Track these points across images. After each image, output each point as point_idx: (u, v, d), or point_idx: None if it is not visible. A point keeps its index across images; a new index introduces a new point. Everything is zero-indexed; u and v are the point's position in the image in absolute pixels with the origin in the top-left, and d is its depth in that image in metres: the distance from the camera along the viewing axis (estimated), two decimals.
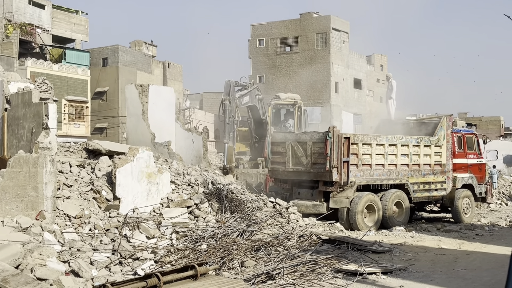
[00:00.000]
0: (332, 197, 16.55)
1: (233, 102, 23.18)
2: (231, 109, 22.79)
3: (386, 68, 60.65)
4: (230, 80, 23.64)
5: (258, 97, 27.27)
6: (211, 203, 14.19)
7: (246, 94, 25.41)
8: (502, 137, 66.57)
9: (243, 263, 10.45)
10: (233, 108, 23.02)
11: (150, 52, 52.83)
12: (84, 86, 43.80)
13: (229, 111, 22.71)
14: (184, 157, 19.85)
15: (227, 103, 22.73)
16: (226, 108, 22.64)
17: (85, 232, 11.30)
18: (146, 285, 7.62)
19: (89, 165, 13.99)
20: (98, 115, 44.43)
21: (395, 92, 22.37)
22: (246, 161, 26.64)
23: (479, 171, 20.56)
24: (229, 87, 23.32)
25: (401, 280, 10.06)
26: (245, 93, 25.45)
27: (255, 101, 26.67)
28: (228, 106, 22.70)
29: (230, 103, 22.94)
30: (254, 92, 26.83)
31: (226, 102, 22.71)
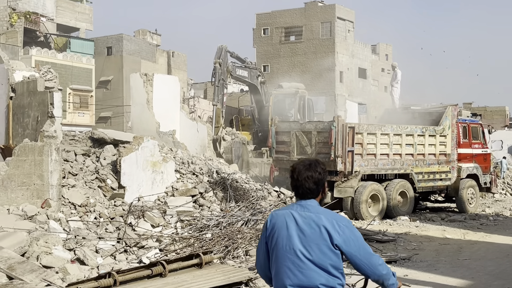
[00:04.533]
0: (337, 187, 16.56)
1: (224, 65, 23.46)
2: (221, 72, 23.10)
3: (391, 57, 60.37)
4: (222, 45, 23.99)
5: (261, 79, 27.32)
6: (215, 192, 14.21)
7: (243, 68, 25.61)
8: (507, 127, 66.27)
9: (247, 252, 10.48)
10: (224, 72, 23.34)
11: (154, 41, 52.71)
12: (89, 75, 43.76)
13: (219, 74, 23.04)
14: (188, 146, 19.86)
15: (217, 66, 23.06)
16: (216, 71, 22.99)
17: (90, 220, 11.34)
18: (151, 273, 7.66)
19: (94, 154, 14.02)
20: (102, 104, 44.41)
21: (400, 81, 22.29)
22: (250, 151, 26.62)
23: (484, 161, 20.51)
24: (221, 51, 23.76)
25: (406, 270, 10.08)
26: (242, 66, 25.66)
27: (255, 81, 26.73)
28: (219, 69, 23.03)
29: (221, 66, 23.22)
30: (255, 72, 26.90)
31: (217, 65, 23.06)
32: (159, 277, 7.71)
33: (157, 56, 51.26)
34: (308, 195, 3.65)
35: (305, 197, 3.65)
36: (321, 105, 42.84)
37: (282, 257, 3.57)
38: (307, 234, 3.53)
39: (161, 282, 7.55)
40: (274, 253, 3.62)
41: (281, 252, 3.58)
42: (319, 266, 3.51)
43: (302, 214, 3.59)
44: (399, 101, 22.23)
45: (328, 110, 42.36)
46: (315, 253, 3.51)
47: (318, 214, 3.57)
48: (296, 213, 3.61)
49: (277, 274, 3.61)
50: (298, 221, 3.58)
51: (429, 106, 22.23)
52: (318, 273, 3.51)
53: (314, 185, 3.64)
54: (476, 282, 9.38)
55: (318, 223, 3.53)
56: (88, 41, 46.35)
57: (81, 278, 8.29)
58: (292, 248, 3.54)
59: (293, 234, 3.56)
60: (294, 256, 3.53)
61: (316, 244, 3.51)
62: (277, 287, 3.64)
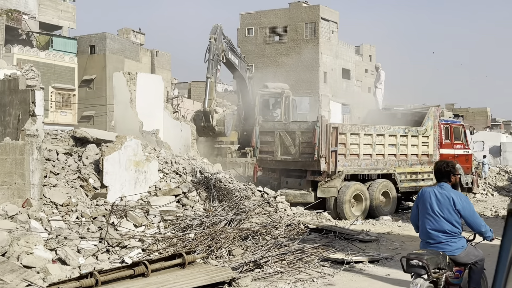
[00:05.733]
0: (320, 187, 16.61)
1: (219, 42, 23.73)
2: (216, 47, 23.45)
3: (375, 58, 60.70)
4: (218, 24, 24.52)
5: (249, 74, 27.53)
6: (199, 191, 14.17)
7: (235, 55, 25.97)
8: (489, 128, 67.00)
9: (230, 252, 10.46)
10: (218, 48, 23.69)
11: (138, 40, 52.45)
12: (71, 73, 43.44)
13: (214, 49, 23.40)
14: (172, 146, 19.80)
15: (212, 41, 23.46)
16: (211, 46, 23.36)
17: (72, 220, 11.24)
18: (134, 273, 7.61)
19: (76, 153, 13.90)
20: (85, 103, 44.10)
21: (383, 82, 22.42)
22: (234, 150, 26.60)
23: (466, 162, 20.70)
24: (216, 29, 24.16)
25: (388, 269, 10.13)
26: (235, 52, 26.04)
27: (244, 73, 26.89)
28: (214, 44, 23.41)
29: (216, 41, 23.62)
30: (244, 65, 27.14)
31: (212, 40, 23.47)
32: (142, 277, 7.66)
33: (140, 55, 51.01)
34: (444, 180, 6.25)
35: (442, 181, 6.27)
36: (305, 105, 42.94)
37: (426, 214, 6.21)
38: (442, 202, 6.12)
39: (143, 282, 7.51)
40: (421, 212, 6.28)
41: (426, 211, 6.21)
42: (447, 220, 6.09)
43: (440, 191, 6.20)
44: (382, 102, 22.36)
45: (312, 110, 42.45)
46: (445, 213, 6.09)
47: (449, 192, 6.17)
48: (436, 190, 6.23)
49: (423, 223, 6.28)
50: (437, 195, 6.19)
51: (412, 107, 22.41)
52: (446, 224, 6.10)
53: (446, 174, 6.25)
54: None
55: (448, 196, 6.13)
56: (71, 39, 45.98)
57: (63, 278, 8.22)
58: (432, 209, 6.16)
59: (433, 202, 6.17)
60: (433, 213, 6.15)
61: (446, 208, 6.09)
62: (421, 230, 6.33)
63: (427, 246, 6.23)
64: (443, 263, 5.96)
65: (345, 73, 56.38)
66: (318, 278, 9.31)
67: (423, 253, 5.95)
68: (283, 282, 8.96)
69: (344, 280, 9.37)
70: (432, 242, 6.18)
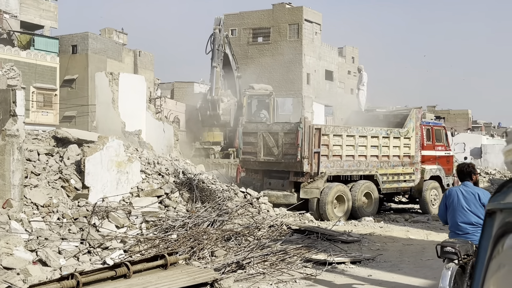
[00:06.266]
0: (303, 188, 16.64)
1: (223, 33, 24.81)
2: (220, 38, 24.08)
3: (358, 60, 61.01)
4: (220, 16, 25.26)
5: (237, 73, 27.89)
6: (181, 192, 14.13)
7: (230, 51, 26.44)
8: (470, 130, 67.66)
9: (213, 253, 10.45)
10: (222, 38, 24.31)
11: (120, 40, 52.14)
12: (53, 73, 43.04)
13: (219, 39, 24.08)
14: (154, 146, 19.72)
15: (217, 32, 24.20)
16: (216, 36, 24.05)
17: (53, 221, 11.15)
18: (115, 274, 7.57)
19: (57, 154, 13.79)
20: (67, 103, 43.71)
21: (366, 84, 22.52)
22: (217, 151, 26.58)
23: (447, 163, 20.88)
24: (220, 20, 25.14)
25: (370, 270, 10.19)
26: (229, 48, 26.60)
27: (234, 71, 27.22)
28: (218, 34, 24.11)
29: (220, 32, 24.61)
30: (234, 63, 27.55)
31: (216, 31, 24.36)
32: (123, 278, 7.62)
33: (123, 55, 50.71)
34: (467, 179, 7.06)
35: (465, 180, 7.07)
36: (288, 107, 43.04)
37: (455, 209, 6.97)
38: (468, 198, 6.89)
39: (125, 284, 7.47)
40: (450, 208, 7.04)
41: (455, 207, 6.97)
42: (473, 213, 6.85)
43: (464, 189, 6.97)
44: (365, 104, 22.46)
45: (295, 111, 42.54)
46: (472, 207, 6.86)
47: (473, 189, 6.97)
48: (461, 188, 7.01)
49: (453, 217, 7.01)
50: (463, 192, 6.95)
51: (394, 108, 22.54)
52: (473, 216, 6.85)
53: (468, 174, 7.07)
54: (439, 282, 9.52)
55: (473, 192, 6.91)
56: (53, 39, 45.55)
57: (43, 280, 8.13)
58: (461, 205, 6.93)
59: (461, 198, 6.93)
60: (462, 209, 6.92)
61: (472, 203, 6.86)
62: (452, 223, 7.05)
63: (456, 237, 7.00)
64: (471, 250, 6.68)
65: (328, 75, 56.58)
66: (301, 279, 9.34)
67: (456, 242, 6.73)
68: (266, 283, 8.97)
69: (326, 280, 9.40)
70: (460, 233, 6.98)
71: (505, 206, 1.60)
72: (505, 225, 1.58)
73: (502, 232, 1.59)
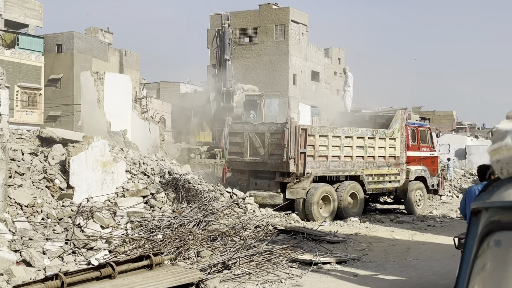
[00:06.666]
0: (289, 188, 16.66)
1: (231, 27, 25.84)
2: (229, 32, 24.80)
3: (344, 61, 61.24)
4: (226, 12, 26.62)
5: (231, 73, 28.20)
6: (167, 193, 14.08)
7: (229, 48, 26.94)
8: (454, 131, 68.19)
9: (199, 253, 10.43)
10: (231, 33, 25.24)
11: (106, 40, 51.86)
12: (38, 72, 42.71)
13: (229, 33, 24.68)
14: (140, 146, 19.62)
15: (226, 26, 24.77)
16: (226, 30, 24.67)
17: (37, 221, 11.06)
18: (100, 274, 7.52)
19: (42, 153, 13.68)
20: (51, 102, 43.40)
21: (351, 85, 22.61)
22: (203, 152, 26.54)
23: (432, 164, 21.01)
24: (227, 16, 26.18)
25: (355, 270, 10.22)
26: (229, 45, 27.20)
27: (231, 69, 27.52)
28: (227, 29, 24.65)
29: (229, 27, 25.56)
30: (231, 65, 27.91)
31: (226, 25, 24.89)
32: (108, 278, 7.57)
33: (109, 54, 50.46)
34: (484, 179, 7.37)
35: (484, 180, 7.34)
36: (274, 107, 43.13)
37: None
38: None
39: (110, 284, 7.42)
40: (468, 204, 7.28)
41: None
42: None
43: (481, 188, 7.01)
44: (351, 105, 22.55)
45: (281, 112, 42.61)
46: None
47: None
48: (480, 187, 7.07)
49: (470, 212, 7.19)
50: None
51: (380, 109, 22.65)
52: None
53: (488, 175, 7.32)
54: (423, 282, 9.59)
55: None
56: (38, 38, 45.18)
57: (27, 280, 8.06)
58: None
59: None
60: None
61: None
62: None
63: None
64: None
65: (314, 76, 56.71)
66: (286, 279, 9.35)
67: None
68: (251, 283, 8.97)
69: (312, 281, 9.42)
70: None
71: (491, 205, 1.61)
72: (490, 224, 1.59)
73: (487, 231, 1.60)
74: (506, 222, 1.55)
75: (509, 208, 1.55)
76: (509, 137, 1.60)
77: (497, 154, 1.63)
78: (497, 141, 1.64)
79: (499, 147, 1.63)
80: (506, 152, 1.60)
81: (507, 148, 1.60)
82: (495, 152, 1.64)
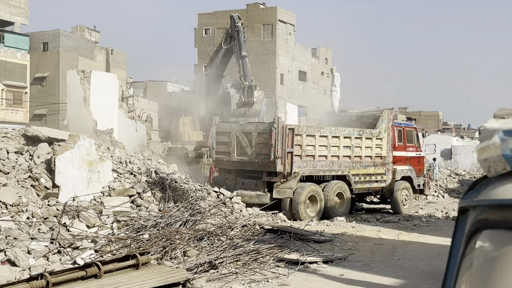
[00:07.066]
0: (276, 188, 16.67)
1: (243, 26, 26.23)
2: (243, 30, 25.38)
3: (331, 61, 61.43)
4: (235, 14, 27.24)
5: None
6: (154, 192, 14.03)
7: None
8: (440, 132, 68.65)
9: (185, 253, 10.40)
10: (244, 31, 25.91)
11: (93, 38, 51.60)
12: (23, 71, 42.38)
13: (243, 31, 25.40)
14: (127, 145, 19.53)
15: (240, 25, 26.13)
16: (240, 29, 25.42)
17: (22, 220, 10.96)
18: (86, 274, 7.47)
19: (27, 152, 13.57)
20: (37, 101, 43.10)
21: (338, 85, 22.68)
22: (190, 151, 26.48)
23: (418, 164, 21.13)
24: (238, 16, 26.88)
25: (341, 269, 10.24)
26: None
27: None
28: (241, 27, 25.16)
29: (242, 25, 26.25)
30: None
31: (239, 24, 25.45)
32: (94, 278, 7.53)
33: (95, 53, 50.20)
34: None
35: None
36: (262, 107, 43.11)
37: None
38: None
39: (96, 284, 7.38)
40: None
41: None
42: None
43: None
44: (338, 105, 22.61)
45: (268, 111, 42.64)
46: None
47: None
48: None
49: None
50: None
51: (366, 109, 22.74)
52: None
53: None
54: (409, 281, 9.63)
55: None
56: (23, 36, 44.81)
57: (12, 280, 7.99)
58: None
59: None
60: None
61: None
62: None
63: None
64: None
65: (302, 75, 56.83)
66: (273, 278, 9.34)
67: None
68: (238, 283, 8.95)
69: (298, 280, 9.42)
70: None
71: (478, 204, 1.61)
72: (478, 223, 1.60)
73: (475, 229, 1.60)
74: (494, 220, 1.55)
75: (496, 206, 1.55)
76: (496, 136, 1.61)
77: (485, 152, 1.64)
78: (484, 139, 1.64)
79: (486, 145, 1.63)
80: (494, 150, 1.61)
81: (494, 146, 1.61)
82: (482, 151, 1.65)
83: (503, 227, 1.54)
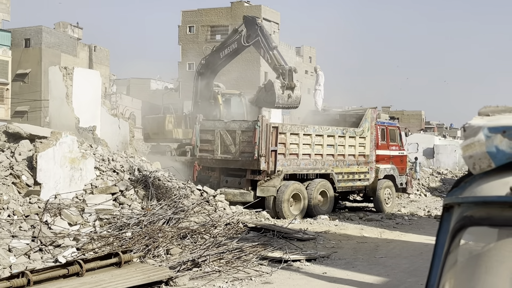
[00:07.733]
0: (259, 186, 16.67)
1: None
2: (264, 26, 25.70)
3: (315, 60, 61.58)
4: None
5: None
6: (137, 190, 13.94)
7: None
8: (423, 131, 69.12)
9: (168, 251, 10.35)
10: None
11: (75, 35, 51.22)
12: (5, 67, 41.96)
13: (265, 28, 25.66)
14: (109, 143, 19.35)
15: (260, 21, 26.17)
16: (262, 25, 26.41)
17: (3, 218, 10.84)
18: (68, 272, 7.41)
19: (8, 149, 13.41)
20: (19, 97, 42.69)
21: (322, 84, 22.72)
22: (173, 149, 26.37)
23: (401, 163, 21.26)
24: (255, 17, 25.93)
25: (325, 267, 10.27)
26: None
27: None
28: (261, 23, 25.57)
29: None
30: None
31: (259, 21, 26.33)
32: (76, 276, 7.47)
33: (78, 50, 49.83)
34: None
35: None
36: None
37: None
38: None
39: (77, 282, 7.32)
40: None
41: None
42: None
43: None
44: (321, 103, 22.67)
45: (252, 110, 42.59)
46: None
47: None
48: None
49: None
50: None
51: (350, 108, 22.82)
52: None
53: None
54: (392, 279, 9.69)
55: None
56: (5, 32, 44.35)
57: None
58: None
59: None
60: None
61: None
62: None
63: None
64: None
65: None
66: (256, 276, 9.34)
67: None
68: (221, 281, 8.94)
69: (281, 278, 9.43)
70: None
71: (463, 201, 1.62)
72: (462, 219, 1.60)
73: (459, 226, 1.61)
74: (478, 217, 1.55)
75: (481, 203, 1.56)
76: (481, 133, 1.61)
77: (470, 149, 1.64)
78: (469, 137, 1.65)
79: (471, 142, 1.64)
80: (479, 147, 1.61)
81: (479, 143, 1.61)
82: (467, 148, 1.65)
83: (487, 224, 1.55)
